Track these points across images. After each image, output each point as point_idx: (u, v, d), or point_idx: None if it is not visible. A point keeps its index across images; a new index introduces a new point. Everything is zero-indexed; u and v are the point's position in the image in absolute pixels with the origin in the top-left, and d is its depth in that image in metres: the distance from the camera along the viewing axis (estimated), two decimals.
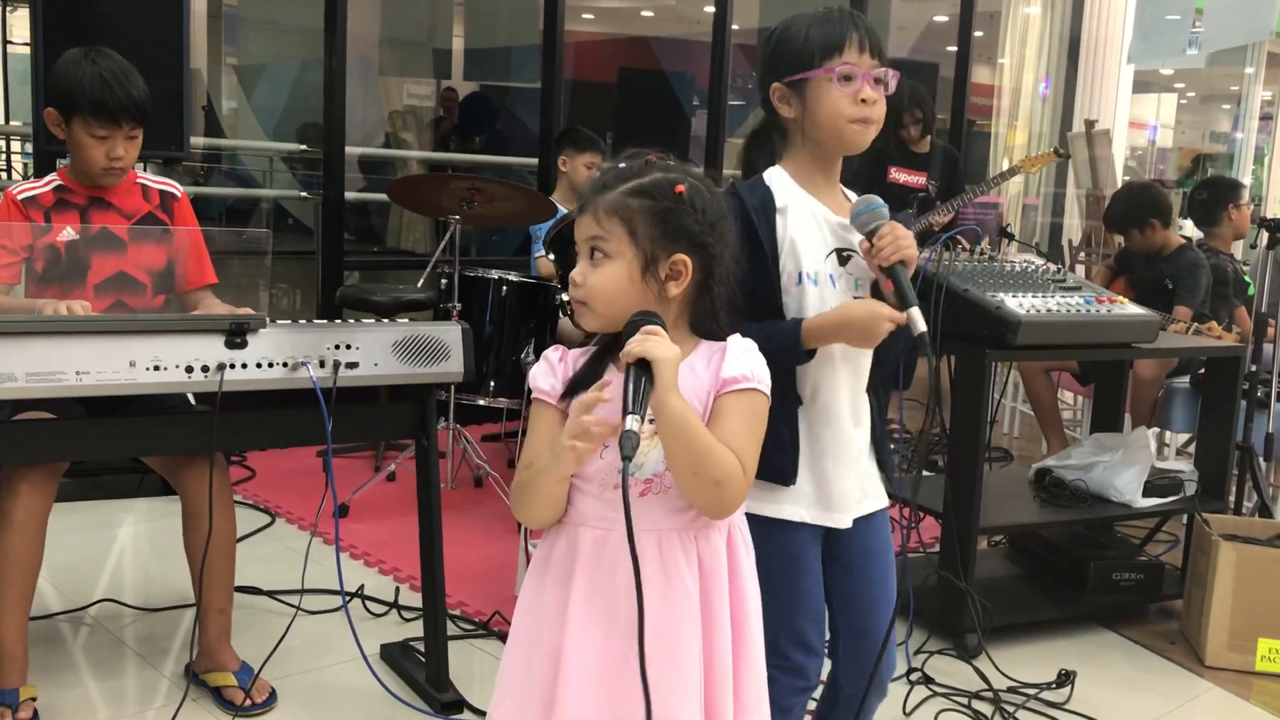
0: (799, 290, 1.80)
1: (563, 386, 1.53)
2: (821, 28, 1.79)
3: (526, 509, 1.54)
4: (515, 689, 1.55)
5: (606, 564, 1.49)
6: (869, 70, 1.78)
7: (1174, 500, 3.32)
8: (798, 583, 1.85)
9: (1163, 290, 4.37)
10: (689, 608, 1.49)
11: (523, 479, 1.52)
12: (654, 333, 1.44)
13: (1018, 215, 8.45)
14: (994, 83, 8.81)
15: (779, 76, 1.82)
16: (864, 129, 1.80)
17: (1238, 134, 10.57)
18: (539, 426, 1.54)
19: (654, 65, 9.58)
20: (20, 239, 2.47)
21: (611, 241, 1.50)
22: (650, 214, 1.50)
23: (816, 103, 1.79)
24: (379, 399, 2.93)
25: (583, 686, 1.48)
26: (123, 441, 2.40)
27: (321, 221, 5.00)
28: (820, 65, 1.77)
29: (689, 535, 1.51)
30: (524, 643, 1.56)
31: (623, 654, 1.45)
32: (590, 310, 1.52)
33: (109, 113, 2.43)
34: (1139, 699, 2.86)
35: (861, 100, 1.77)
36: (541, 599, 1.54)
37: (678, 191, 1.50)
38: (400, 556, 3.39)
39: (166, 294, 2.63)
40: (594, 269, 1.51)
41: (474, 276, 3.99)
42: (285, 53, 8.14)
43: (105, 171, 2.50)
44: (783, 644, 1.84)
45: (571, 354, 1.57)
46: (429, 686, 2.57)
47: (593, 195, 1.52)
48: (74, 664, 2.70)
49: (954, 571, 2.94)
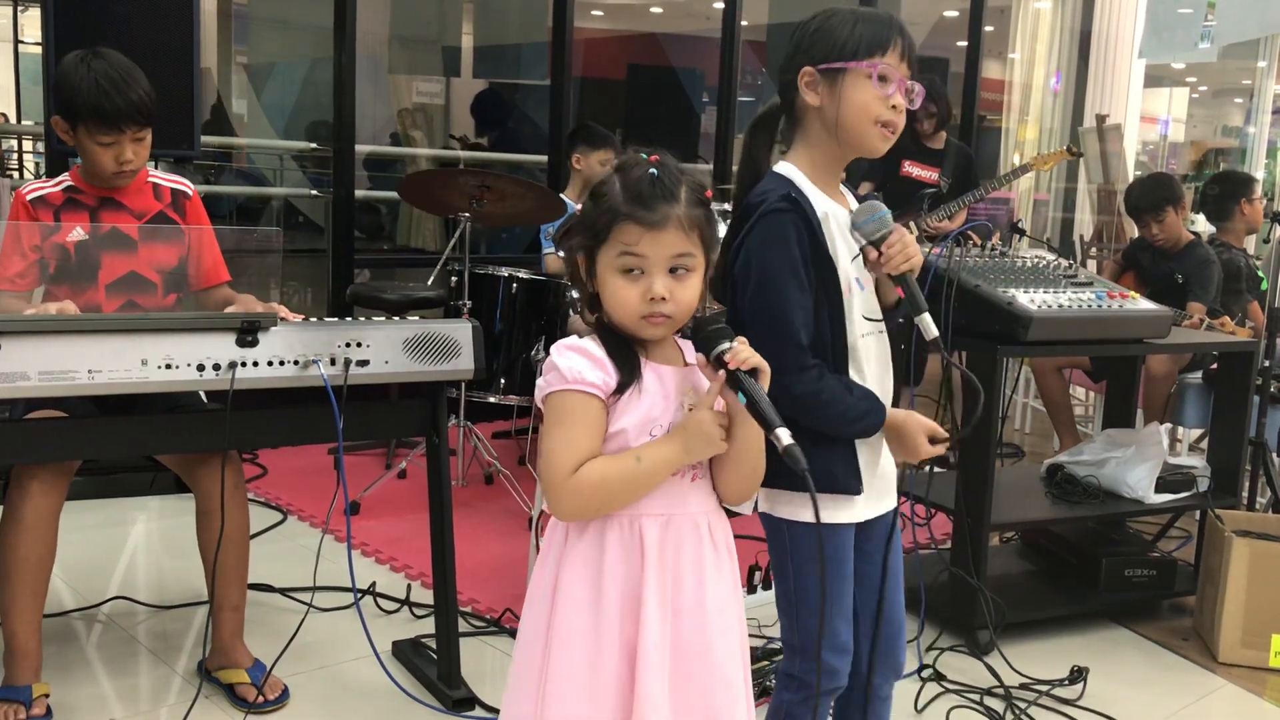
0: (848, 298, 1.80)
1: (614, 381, 1.51)
2: (870, 24, 1.78)
3: (606, 506, 1.51)
4: (582, 689, 1.51)
5: (671, 548, 1.53)
6: (903, 79, 1.77)
7: (1187, 496, 3.30)
8: (835, 585, 1.85)
9: (1172, 285, 4.35)
10: (735, 581, 1.61)
11: (611, 475, 1.49)
12: (744, 342, 1.50)
13: (1029, 211, 8.43)
14: (1004, 78, 8.79)
15: (813, 61, 1.79)
16: (886, 134, 1.79)
17: (1250, 128, 10.51)
18: (593, 420, 1.50)
19: (663, 62, 9.58)
20: (31, 239, 2.47)
21: (695, 256, 1.51)
22: (707, 221, 1.52)
23: (848, 96, 1.77)
24: (390, 396, 2.94)
25: (660, 668, 1.50)
26: (135, 440, 2.41)
27: (332, 219, 5.02)
28: (863, 59, 1.76)
29: (717, 517, 1.61)
30: (587, 641, 1.51)
31: (687, 629, 1.53)
32: (673, 323, 1.53)
33: (110, 119, 2.41)
34: (1152, 695, 2.85)
35: (892, 105, 1.77)
36: (600, 596, 1.51)
37: (709, 195, 1.53)
38: (412, 554, 3.40)
39: (178, 293, 2.63)
40: (680, 284, 1.50)
41: (484, 274, 3.99)
42: (295, 51, 8.15)
43: (116, 175, 2.50)
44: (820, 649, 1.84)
45: (595, 343, 1.54)
46: (441, 683, 2.57)
47: (665, 209, 1.48)
48: (87, 661, 2.71)
49: (966, 568, 2.94)
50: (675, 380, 1.54)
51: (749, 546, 3.59)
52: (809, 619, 1.82)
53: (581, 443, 1.49)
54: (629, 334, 1.54)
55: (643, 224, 1.47)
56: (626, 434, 1.51)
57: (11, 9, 8.18)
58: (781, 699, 1.90)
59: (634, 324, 1.51)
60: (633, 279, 1.49)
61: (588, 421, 1.50)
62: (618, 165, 1.54)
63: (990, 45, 7.81)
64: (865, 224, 1.77)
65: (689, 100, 8.96)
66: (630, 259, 1.49)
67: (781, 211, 1.75)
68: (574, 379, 1.49)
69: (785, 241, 1.74)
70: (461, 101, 8.44)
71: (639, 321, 1.51)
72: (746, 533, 2.39)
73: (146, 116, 2.46)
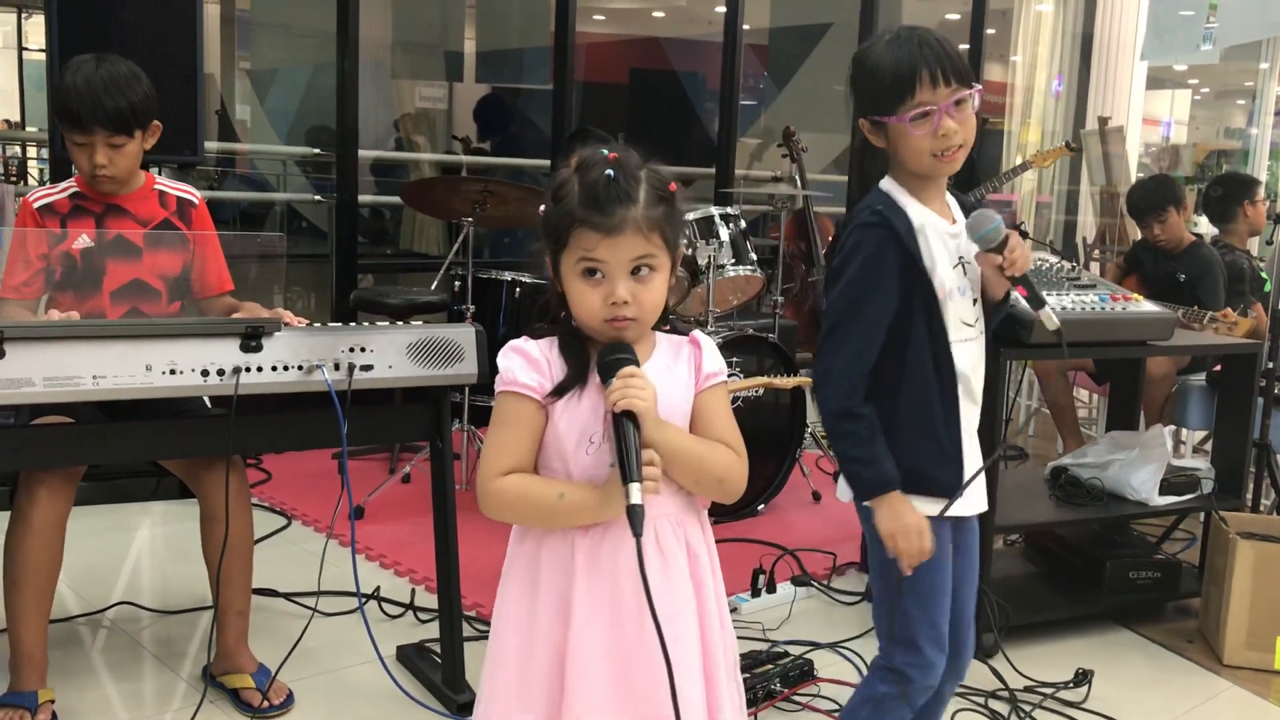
0: (944, 305, 1.85)
1: (550, 384, 1.52)
2: (894, 66, 1.78)
3: (524, 521, 1.55)
4: (511, 688, 1.55)
5: (608, 553, 1.51)
6: (946, 100, 1.77)
7: (1191, 498, 3.30)
8: (941, 581, 1.89)
9: (1175, 286, 4.35)
10: (685, 589, 1.55)
11: (530, 497, 1.51)
12: (630, 375, 1.46)
13: (1032, 213, 8.42)
14: (1007, 80, 8.78)
15: (863, 114, 1.84)
16: (951, 158, 1.81)
17: (1252, 130, 10.51)
18: (523, 422, 1.52)
19: (665, 66, 9.58)
20: (37, 248, 2.48)
21: (658, 256, 1.50)
22: (670, 219, 1.51)
23: (899, 143, 1.82)
24: (393, 401, 2.94)
25: (593, 674, 1.49)
26: (140, 445, 2.41)
27: (335, 224, 5.02)
28: (895, 113, 1.78)
29: (678, 521, 1.56)
30: (520, 643, 1.55)
31: (630, 638, 1.49)
32: (640, 324, 1.52)
33: (76, 119, 2.41)
34: (1157, 698, 2.85)
35: (942, 135, 1.78)
36: (535, 598, 1.54)
37: (672, 190, 1.52)
38: (416, 558, 3.40)
39: (182, 300, 2.63)
40: (643, 286, 1.50)
41: (487, 278, 4.00)
42: (298, 57, 8.16)
43: (94, 178, 2.50)
44: (922, 642, 1.87)
45: (541, 345, 1.55)
46: (445, 687, 2.58)
47: (622, 212, 1.46)
48: (92, 666, 2.71)
49: None
50: None
51: (752, 550, 3.60)
52: (913, 608, 1.85)
53: (508, 444, 1.52)
54: (592, 335, 1.54)
55: (599, 229, 1.46)
56: (561, 439, 1.51)
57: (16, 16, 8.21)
58: (875, 690, 1.91)
59: (599, 327, 1.51)
60: (595, 283, 1.49)
61: (518, 422, 1.52)
62: (577, 164, 1.52)
63: (992, 48, 7.82)
64: (986, 233, 1.82)
65: (691, 104, 8.96)
66: (590, 263, 1.49)
67: (869, 225, 1.81)
68: (509, 380, 1.52)
69: (868, 255, 1.80)
70: (464, 106, 8.44)
71: (603, 325, 1.50)
72: (750, 536, 2.38)
73: (120, 125, 2.44)
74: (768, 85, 9.84)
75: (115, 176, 2.51)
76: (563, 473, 1.53)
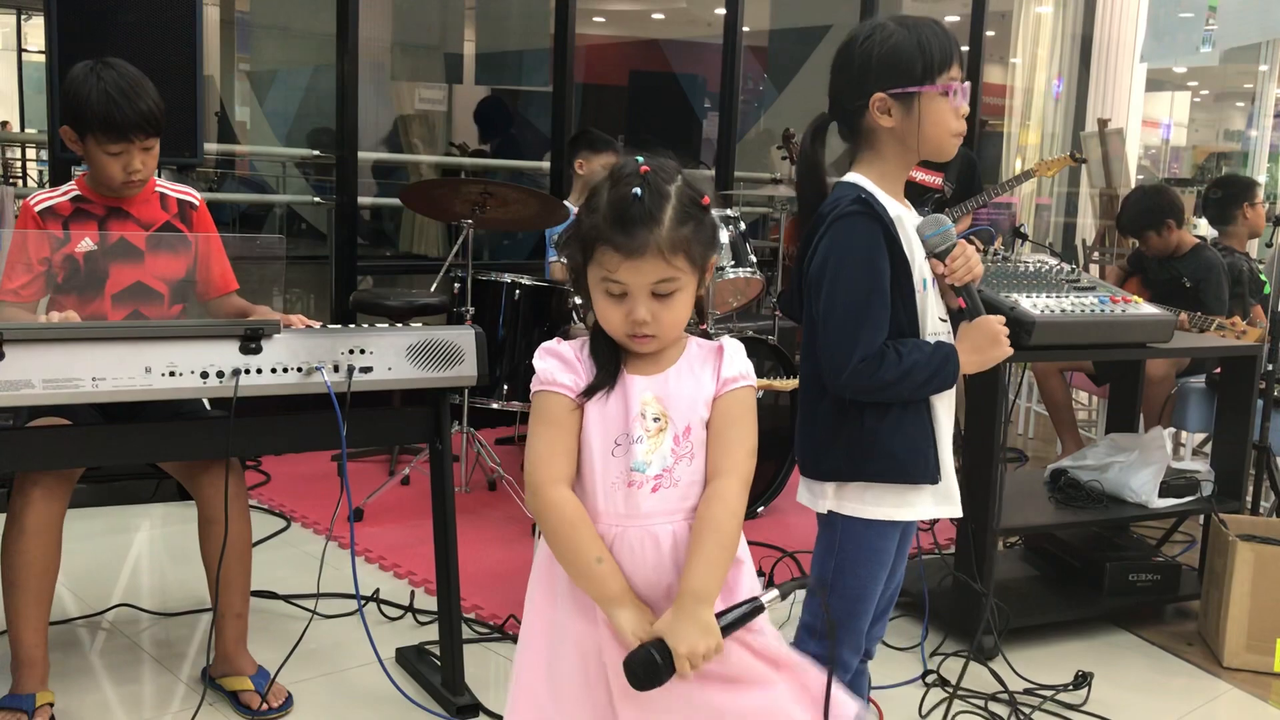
0: (922, 297, 1.84)
1: (584, 383, 1.54)
2: (933, 40, 1.79)
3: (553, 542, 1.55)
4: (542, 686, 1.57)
5: (625, 557, 1.54)
6: (964, 85, 1.82)
7: (1190, 500, 3.30)
8: (873, 589, 1.89)
9: (1179, 289, 4.35)
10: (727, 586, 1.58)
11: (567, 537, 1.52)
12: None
13: (1031, 215, 8.43)
14: (1006, 82, 8.79)
15: (884, 87, 1.80)
16: (958, 141, 1.84)
17: (1252, 132, 10.52)
18: (565, 421, 1.54)
19: (665, 68, 9.59)
20: (39, 251, 2.48)
21: (680, 278, 1.51)
22: (697, 237, 1.51)
23: (927, 116, 1.80)
24: (393, 403, 2.94)
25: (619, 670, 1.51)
26: (139, 447, 2.41)
27: (334, 226, 5.02)
28: (937, 81, 1.79)
29: (688, 521, 1.57)
30: (546, 644, 1.58)
31: None
32: (660, 340, 1.54)
33: (119, 129, 2.41)
34: (1156, 700, 2.85)
35: (961, 115, 1.82)
36: (555, 601, 1.58)
37: (705, 204, 1.52)
38: (415, 560, 3.40)
39: (184, 303, 2.63)
40: (665, 306, 1.51)
41: (487, 280, 3.99)
42: (297, 58, 8.16)
43: (125, 185, 2.50)
44: (841, 649, 1.87)
45: (574, 346, 1.58)
46: (445, 690, 2.57)
47: (644, 235, 1.47)
48: (91, 669, 2.71)
49: (970, 573, 2.93)
50: (636, 390, 1.54)
51: (752, 552, 3.59)
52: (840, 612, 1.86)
53: (558, 443, 1.54)
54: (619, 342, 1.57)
55: (620, 251, 1.47)
56: (590, 440, 1.54)
57: (15, 18, 8.21)
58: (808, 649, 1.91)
59: (621, 339, 1.55)
60: (616, 300, 1.51)
61: (560, 422, 1.54)
62: (612, 170, 1.54)
63: (991, 50, 7.82)
64: (930, 237, 1.82)
65: (691, 106, 8.97)
66: (611, 284, 1.51)
67: (854, 214, 1.78)
68: (547, 380, 1.55)
69: (858, 244, 1.78)
70: (464, 108, 8.44)
71: (625, 338, 1.54)
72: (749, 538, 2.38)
73: (155, 126, 2.47)
74: (767, 87, 9.85)
75: (145, 179, 2.52)
76: (588, 472, 1.55)
